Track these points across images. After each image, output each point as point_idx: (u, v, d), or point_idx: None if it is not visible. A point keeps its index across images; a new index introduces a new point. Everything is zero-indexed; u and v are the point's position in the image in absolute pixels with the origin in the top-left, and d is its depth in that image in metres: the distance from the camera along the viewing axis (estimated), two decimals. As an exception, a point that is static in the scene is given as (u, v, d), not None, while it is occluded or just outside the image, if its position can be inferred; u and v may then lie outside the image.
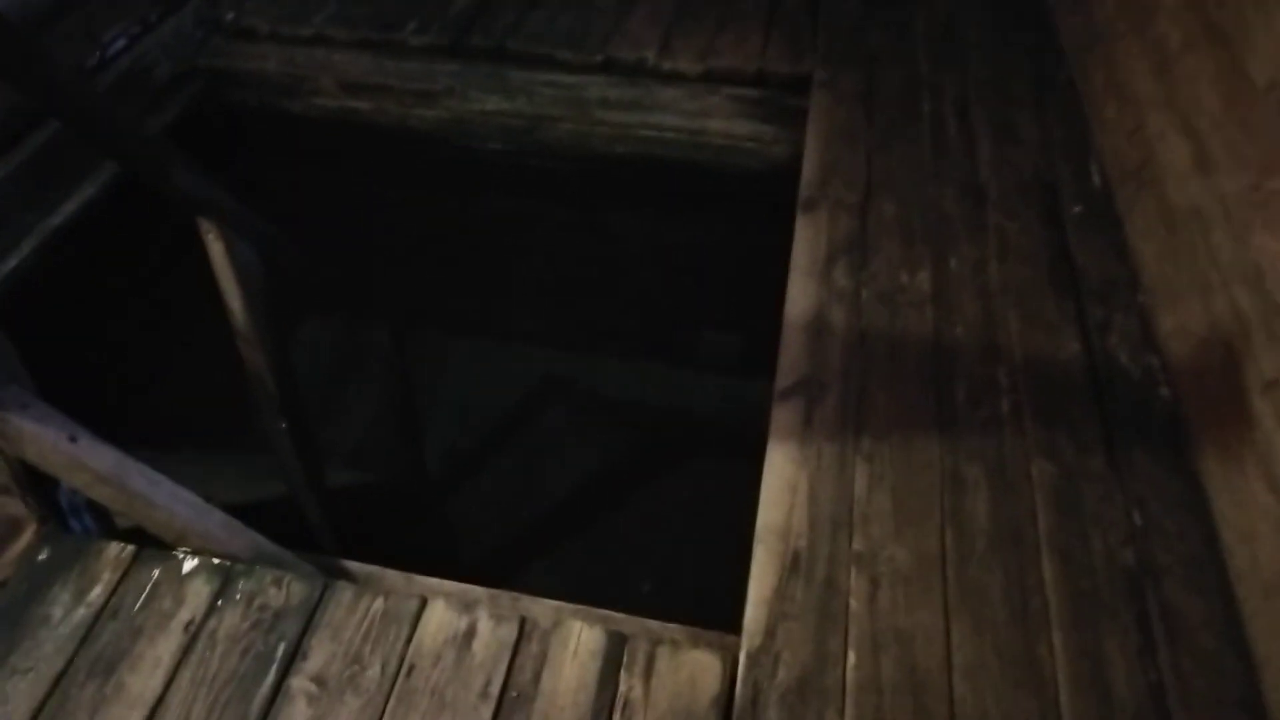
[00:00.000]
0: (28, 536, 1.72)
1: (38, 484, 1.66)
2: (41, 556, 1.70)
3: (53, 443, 1.57)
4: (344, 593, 1.69)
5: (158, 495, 1.65)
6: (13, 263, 2.57)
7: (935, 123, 2.84)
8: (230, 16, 3.40)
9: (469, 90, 3.18)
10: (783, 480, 1.88)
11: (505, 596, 1.80)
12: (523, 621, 1.66)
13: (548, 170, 3.26)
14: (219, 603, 1.67)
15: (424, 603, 1.68)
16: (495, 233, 3.57)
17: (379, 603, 1.68)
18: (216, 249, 2.09)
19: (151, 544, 1.74)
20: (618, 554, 3.12)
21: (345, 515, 2.77)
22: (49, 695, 1.53)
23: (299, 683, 1.57)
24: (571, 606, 1.77)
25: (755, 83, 3.11)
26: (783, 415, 2.01)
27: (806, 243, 2.44)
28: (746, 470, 2.04)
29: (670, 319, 3.50)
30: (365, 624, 1.65)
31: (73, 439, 1.59)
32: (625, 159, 3.18)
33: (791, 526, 1.80)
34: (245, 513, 2.58)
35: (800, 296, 2.29)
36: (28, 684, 1.54)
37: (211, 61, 3.32)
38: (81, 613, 1.64)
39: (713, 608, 1.83)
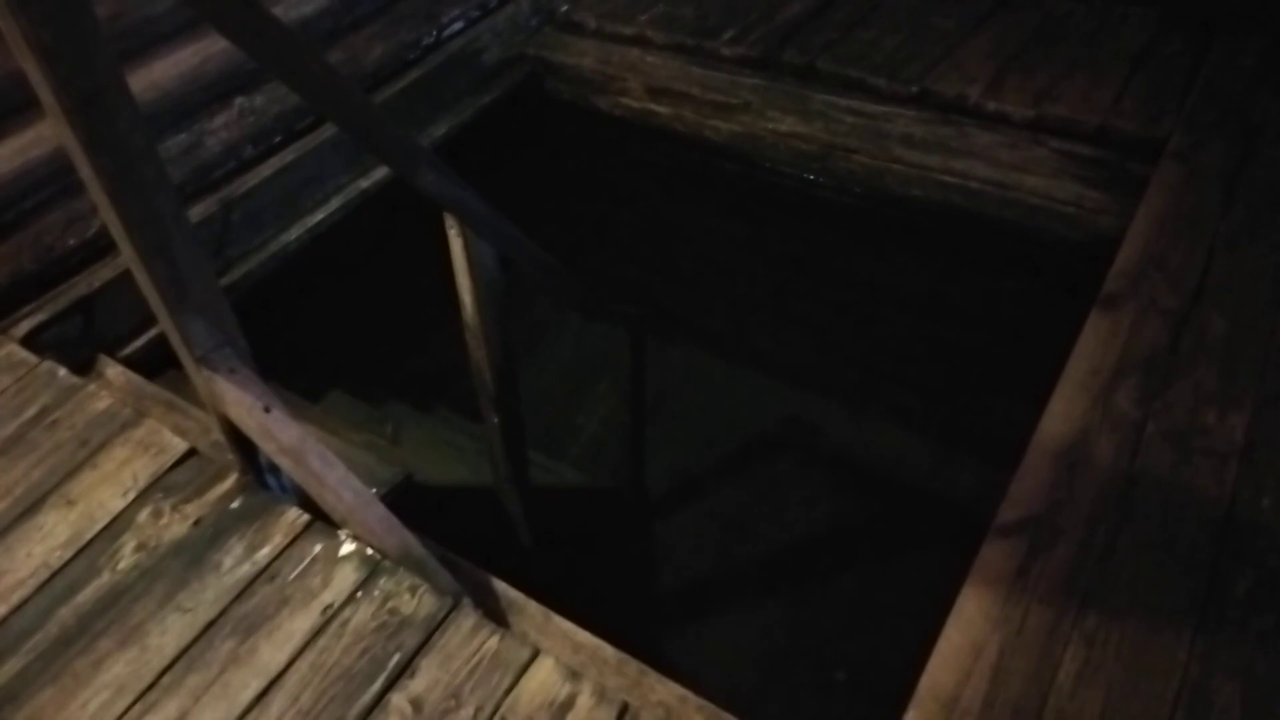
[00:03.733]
0: (229, 483, 1.88)
1: (242, 440, 1.80)
2: (234, 505, 1.85)
3: (249, 409, 1.69)
4: (467, 619, 1.66)
5: (329, 477, 1.71)
6: (319, 215, 2.86)
7: (1321, 224, 2.23)
8: (564, 9, 3.52)
9: (767, 108, 3.02)
10: (968, 637, 1.57)
11: (632, 666, 1.67)
12: (624, 708, 1.53)
13: (832, 202, 3.02)
14: (358, 594, 1.71)
15: (535, 655, 1.60)
16: (767, 259, 3.40)
17: (493, 641, 1.62)
18: (456, 245, 2.15)
19: (324, 518, 1.83)
20: (821, 629, 2.87)
21: (548, 512, 2.79)
22: (196, 640, 1.65)
23: (398, 700, 1.56)
24: (697, 701, 1.61)
25: (1095, 139, 2.64)
26: (994, 554, 1.68)
27: (1093, 347, 2.02)
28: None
29: (939, 388, 3.13)
30: (474, 660, 1.60)
31: (267, 409, 1.69)
32: (919, 204, 2.87)
33: (960, 700, 1.49)
34: (453, 493, 2.71)
35: (1063, 412, 1.89)
36: (183, 624, 1.68)
37: (539, 51, 3.46)
38: (246, 568, 1.75)
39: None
